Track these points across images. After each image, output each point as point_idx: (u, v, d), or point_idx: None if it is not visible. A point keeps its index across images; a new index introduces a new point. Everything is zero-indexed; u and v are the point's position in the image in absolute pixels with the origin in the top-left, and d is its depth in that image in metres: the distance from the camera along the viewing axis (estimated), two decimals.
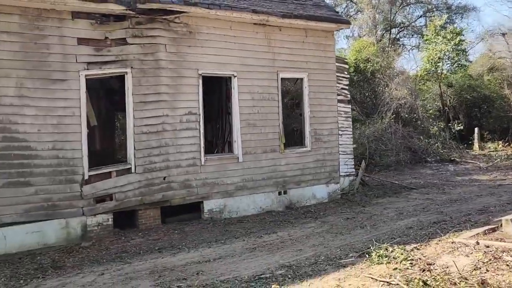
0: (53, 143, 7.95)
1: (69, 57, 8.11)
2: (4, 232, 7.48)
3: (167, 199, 9.13)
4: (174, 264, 6.05)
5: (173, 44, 9.18)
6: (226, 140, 11.89)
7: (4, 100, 7.54)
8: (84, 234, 8.19)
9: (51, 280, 5.75)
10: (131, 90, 8.72)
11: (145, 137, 8.86)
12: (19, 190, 7.63)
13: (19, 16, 7.67)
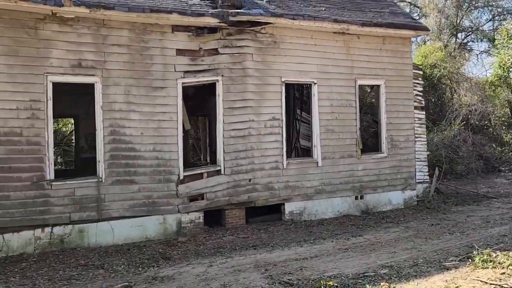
0: (153, 145, 8.69)
1: (169, 67, 8.85)
2: (113, 225, 8.28)
3: (252, 200, 9.62)
4: (274, 260, 6.46)
5: (259, 53, 9.70)
6: (294, 146, 12.26)
7: (115, 106, 8.39)
8: (178, 230, 8.85)
9: (165, 268, 6.36)
10: (222, 97, 9.33)
11: (233, 141, 9.42)
12: (125, 188, 8.43)
13: (128, 31, 8.50)
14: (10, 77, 7.59)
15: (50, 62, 7.89)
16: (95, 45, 8.24)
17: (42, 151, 7.80)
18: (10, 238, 7.54)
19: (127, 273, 6.25)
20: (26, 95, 7.70)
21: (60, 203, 7.89)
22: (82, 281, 5.90)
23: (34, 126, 7.75)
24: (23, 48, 7.69)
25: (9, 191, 7.53)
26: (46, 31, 7.86)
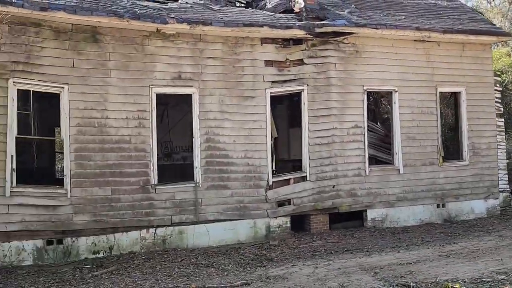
0: (244, 152, 9.12)
1: (258, 77, 9.27)
2: (208, 228, 8.74)
3: (336, 206, 9.79)
4: (378, 264, 6.60)
5: (341, 62, 9.93)
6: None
7: (210, 115, 8.90)
8: (267, 234, 9.17)
9: (273, 269, 6.67)
10: (307, 105, 9.62)
11: (317, 148, 9.67)
12: (219, 192, 8.88)
13: (222, 44, 9.03)
14: (122, 90, 8.30)
15: (155, 75, 8.54)
16: (192, 58, 8.82)
17: (147, 157, 8.42)
18: (120, 237, 8.18)
19: (238, 272, 6.61)
20: (135, 105, 8.36)
21: (162, 206, 8.45)
22: (200, 278, 6.32)
23: (140, 134, 8.40)
24: (132, 62, 8.38)
25: (119, 194, 8.19)
26: (151, 47, 8.52)
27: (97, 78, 8.16)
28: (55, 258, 7.75)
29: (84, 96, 8.06)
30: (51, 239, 7.79)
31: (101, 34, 8.19)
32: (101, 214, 8.05)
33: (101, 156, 8.13)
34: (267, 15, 9.63)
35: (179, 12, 8.78)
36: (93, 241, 8.01)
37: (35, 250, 7.65)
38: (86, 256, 7.92)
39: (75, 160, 7.96)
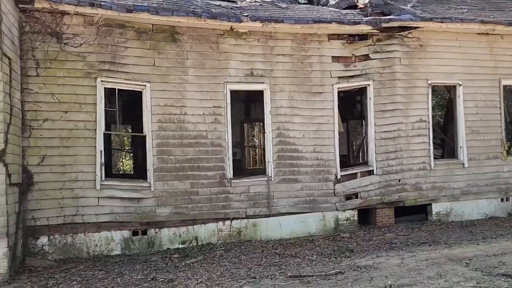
0: (313, 146, 9.30)
1: (325, 73, 9.43)
2: (280, 220, 8.98)
3: (401, 200, 9.87)
4: (464, 256, 6.68)
5: (406, 57, 9.97)
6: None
7: (280, 110, 9.12)
8: (336, 226, 9.35)
9: (358, 259, 6.85)
10: (372, 100, 9.72)
11: (383, 142, 9.76)
12: (290, 186, 9.11)
13: (291, 41, 9.22)
14: (198, 87, 8.60)
15: (229, 72, 8.81)
16: (263, 55, 9.05)
17: (223, 152, 8.71)
18: (198, 229, 8.51)
19: (324, 262, 6.82)
20: (210, 102, 8.67)
21: (237, 199, 8.74)
22: (290, 267, 6.55)
23: (216, 129, 8.69)
24: (208, 60, 8.68)
25: (198, 187, 8.51)
26: (225, 45, 8.80)
27: (176, 76, 8.49)
28: (140, 248, 8.14)
29: (164, 93, 8.41)
30: (137, 230, 8.19)
31: (179, 33, 8.52)
32: (181, 206, 8.40)
33: (180, 151, 8.47)
34: (333, 11, 9.76)
35: (250, 11, 9.02)
36: (174, 232, 8.37)
37: (122, 241, 8.06)
38: (168, 246, 8.28)
39: (157, 155, 8.33)
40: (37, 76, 7.65)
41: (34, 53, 7.64)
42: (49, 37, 7.74)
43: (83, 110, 7.90)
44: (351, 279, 5.72)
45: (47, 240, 7.63)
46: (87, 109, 7.93)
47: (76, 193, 7.79)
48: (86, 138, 7.90)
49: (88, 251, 7.81)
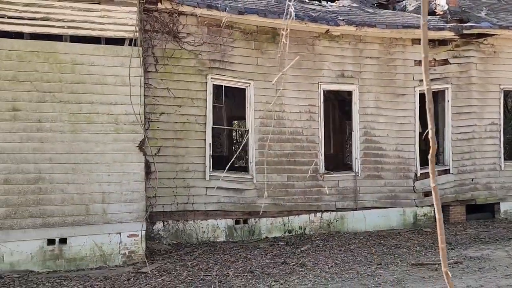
0: (395, 145, 9.82)
1: (408, 76, 9.94)
2: (365, 214, 9.51)
3: (474, 198, 10.41)
4: None
5: (481, 62, 10.48)
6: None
7: (367, 110, 9.64)
8: (414, 221, 9.89)
9: (462, 251, 7.39)
10: (450, 103, 10.24)
11: (459, 143, 10.29)
12: (374, 182, 9.63)
13: (378, 45, 9.72)
14: (295, 86, 9.11)
15: (322, 73, 9.31)
16: (353, 57, 9.55)
17: (316, 148, 9.23)
18: (293, 220, 9.03)
19: (430, 253, 7.35)
20: (306, 100, 9.17)
21: (328, 193, 9.26)
22: (404, 256, 7.08)
23: (311, 127, 9.21)
24: (304, 61, 9.17)
25: (293, 180, 9.04)
26: (319, 47, 9.30)
27: (276, 75, 8.99)
28: (242, 236, 8.67)
29: (266, 91, 8.90)
30: (239, 219, 8.71)
31: (279, 35, 9.00)
32: (278, 198, 8.92)
33: (278, 146, 8.98)
34: (416, 17, 10.25)
35: (343, 15, 9.50)
36: (271, 222, 8.90)
37: (226, 228, 8.59)
38: (266, 235, 8.81)
39: (258, 149, 8.84)
40: (156, 72, 8.15)
41: (154, 50, 8.13)
42: (166, 36, 8.23)
43: (194, 105, 8.40)
44: (473, 268, 6.26)
45: (162, 226, 8.15)
46: (198, 104, 8.44)
47: (187, 182, 8.31)
48: (196, 132, 8.41)
49: (197, 237, 8.34)
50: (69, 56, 6.71)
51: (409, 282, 5.66)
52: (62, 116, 6.64)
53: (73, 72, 6.73)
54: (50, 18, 6.67)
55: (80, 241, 6.66)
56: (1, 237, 6.26)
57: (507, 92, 10.96)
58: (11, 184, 6.36)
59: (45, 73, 6.58)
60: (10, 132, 6.40)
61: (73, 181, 6.65)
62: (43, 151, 6.52)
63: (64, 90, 6.68)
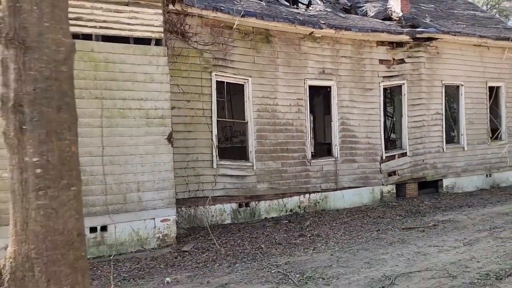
0: (366, 133, 11.39)
1: (374, 73, 11.53)
2: (343, 193, 10.97)
3: (424, 176, 12.41)
4: (500, 212, 9.28)
5: (428, 62, 12.45)
6: (389, 138, 14.74)
7: (343, 103, 11.04)
8: (381, 198, 11.59)
9: (433, 217, 9.08)
10: (406, 96, 12.06)
11: (413, 130, 12.18)
12: (350, 165, 11.11)
13: (351, 46, 11.15)
14: (286, 82, 10.18)
15: (307, 70, 10.50)
16: (331, 57, 10.87)
17: (304, 137, 10.42)
18: (286, 201, 10.17)
19: (410, 220, 8.95)
20: (295, 95, 10.30)
21: (315, 176, 10.53)
22: (392, 224, 8.58)
23: (299, 118, 10.37)
24: (292, 60, 10.28)
25: (286, 166, 10.15)
26: (304, 47, 10.46)
27: (269, 72, 9.99)
28: (245, 217, 9.60)
29: (261, 86, 9.87)
30: (241, 203, 9.62)
31: (272, 36, 10.00)
32: (274, 182, 9.98)
33: (273, 135, 10.02)
34: (379, 22, 11.86)
35: (322, 19, 10.75)
36: (269, 204, 9.94)
37: (231, 212, 9.46)
38: (265, 216, 9.84)
39: (256, 139, 9.80)
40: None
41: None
42: (175, 35, 8.80)
43: (201, 100, 9.10)
44: (449, 228, 7.94)
45: (175, 212, 8.78)
46: (204, 99, 9.14)
47: (197, 171, 9.02)
48: (203, 124, 9.13)
49: (207, 221, 9.10)
50: (102, 54, 7.09)
51: (411, 240, 7.11)
52: (98, 111, 7.02)
53: (106, 70, 7.12)
54: (83, 18, 6.97)
55: (119, 228, 7.14)
56: None
57: (447, 86, 13.09)
58: None
59: (81, 70, 6.89)
60: None
61: (111, 172, 7.09)
62: (83, 145, 6.85)
63: (99, 86, 7.05)
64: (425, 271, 5.36)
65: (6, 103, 2.03)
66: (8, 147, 2.11)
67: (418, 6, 14.07)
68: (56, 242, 2.07)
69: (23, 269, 1.99)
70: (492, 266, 5.35)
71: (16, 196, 2.07)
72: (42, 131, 2.06)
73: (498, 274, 5.01)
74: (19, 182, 2.07)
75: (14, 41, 2.01)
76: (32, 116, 2.05)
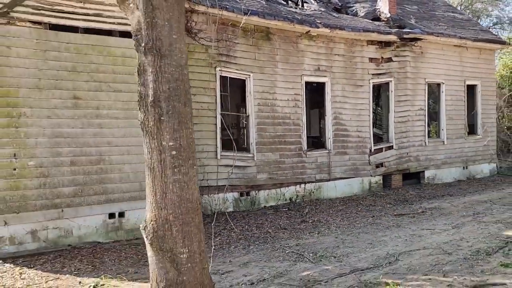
0: (356, 127, 12.10)
1: (364, 70, 12.23)
2: (336, 184, 11.66)
3: (408, 168, 13.26)
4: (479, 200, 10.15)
5: (413, 61, 13.25)
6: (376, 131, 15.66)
7: (336, 99, 11.69)
8: (369, 188, 12.35)
9: (420, 205, 9.87)
10: (393, 93, 12.83)
11: (399, 125, 12.98)
12: (341, 157, 11.80)
13: (344, 44, 11.78)
14: (284, 77, 10.73)
15: (304, 67, 11.08)
16: (326, 54, 11.49)
17: (300, 130, 11.02)
18: (284, 191, 10.76)
19: (400, 207, 9.70)
20: (292, 90, 10.87)
21: (310, 167, 11.16)
22: (385, 211, 9.30)
23: (296, 112, 10.95)
24: (290, 57, 10.83)
25: (284, 158, 10.73)
26: (301, 45, 11.02)
27: (269, 68, 10.51)
28: (246, 206, 10.14)
29: (262, 82, 10.38)
30: (243, 192, 10.15)
31: (271, 34, 10.51)
32: (273, 173, 10.55)
33: (272, 128, 10.57)
34: (369, 22, 12.54)
35: (318, 18, 11.34)
36: (268, 193, 10.51)
37: (234, 200, 9.98)
38: (264, 204, 10.40)
39: (257, 132, 10.32)
40: None
41: None
42: None
43: (206, 94, 9.54)
44: (436, 214, 8.71)
45: None
46: (209, 93, 9.59)
47: (202, 162, 9.47)
48: (208, 117, 9.58)
49: (211, 209, 9.60)
50: (119, 49, 7.43)
51: (405, 224, 7.84)
52: (116, 104, 7.38)
53: (124, 64, 7.47)
54: (102, 15, 7.29)
55: (135, 214, 7.55)
56: (70, 213, 6.91)
57: (430, 84, 13.95)
58: (76, 166, 6.99)
59: (100, 64, 7.23)
60: (73, 118, 6.99)
61: (128, 161, 7.48)
62: (102, 136, 7.24)
63: (117, 80, 7.41)
64: (423, 249, 6.06)
65: (145, 99, 2.48)
66: (146, 133, 2.58)
67: (403, 7, 14.83)
68: (188, 208, 2.57)
69: (163, 229, 2.49)
70: (481, 245, 6.10)
71: (156, 172, 2.56)
72: (175, 121, 2.54)
73: (487, 251, 5.74)
74: (158, 161, 2.55)
75: (152, 50, 2.46)
76: (168, 109, 2.53)
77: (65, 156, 6.91)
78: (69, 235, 6.93)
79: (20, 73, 6.58)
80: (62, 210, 6.83)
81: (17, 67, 6.55)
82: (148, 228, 2.64)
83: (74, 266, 5.93)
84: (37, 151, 6.68)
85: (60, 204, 6.82)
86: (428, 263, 5.40)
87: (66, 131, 6.94)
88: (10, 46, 6.50)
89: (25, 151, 6.57)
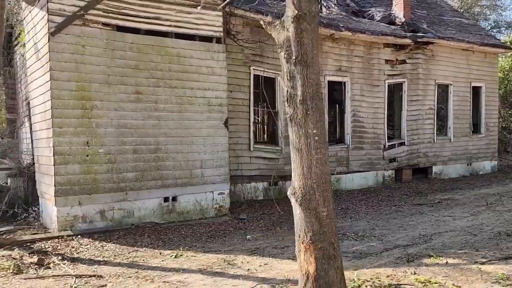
0: (372, 124, 12.97)
1: (381, 71, 13.10)
2: (353, 176, 12.54)
3: (418, 163, 14.18)
4: (488, 193, 11.08)
5: (424, 63, 14.15)
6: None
7: (355, 97, 12.55)
8: (382, 181, 13.25)
9: (434, 196, 10.77)
10: (406, 93, 13.72)
11: (410, 123, 13.89)
12: (358, 152, 12.68)
13: (363, 47, 12.64)
14: None
15: (327, 67, 11.90)
16: (347, 56, 12.32)
17: None
18: None
19: (417, 198, 10.60)
20: None
21: (330, 160, 12.00)
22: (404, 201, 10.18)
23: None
24: None
25: None
26: (325, 47, 11.84)
27: None
28: (274, 195, 10.96)
29: None
30: (271, 182, 10.97)
31: None
32: None
33: None
34: (385, 26, 13.39)
35: (340, 22, 12.15)
36: None
37: (263, 189, 10.80)
38: None
39: (284, 126, 11.13)
40: None
41: None
42: None
43: (241, 90, 10.33)
44: (452, 204, 9.62)
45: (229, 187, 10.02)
46: (244, 90, 10.38)
47: (237, 153, 10.27)
48: (243, 112, 10.38)
49: (244, 197, 10.41)
50: (175, 50, 8.18)
51: (426, 212, 8.73)
52: (171, 98, 8.14)
53: (179, 63, 8.23)
54: (160, 18, 8.03)
55: (186, 199, 8.34)
56: (133, 196, 7.68)
57: (439, 85, 14.88)
58: (138, 154, 7.75)
59: (158, 63, 7.98)
60: (135, 111, 7.75)
61: (181, 151, 8.25)
62: (159, 127, 8.00)
63: (173, 77, 8.16)
64: (450, 231, 6.94)
65: (294, 98, 3.27)
66: (295, 124, 3.41)
67: (414, 12, 15.70)
68: (326, 179, 3.40)
69: (309, 194, 3.31)
70: (500, 229, 7.00)
71: (303, 152, 3.38)
72: (317, 115, 3.35)
73: (507, 233, 6.64)
74: (305, 144, 3.37)
75: (301, 62, 3.25)
76: (312, 106, 3.33)
77: (128, 145, 7.67)
78: (131, 216, 7.71)
79: (93, 70, 7.32)
80: (126, 193, 7.60)
81: (91, 64, 7.28)
82: (297, 193, 3.48)
83: (145, 241, 6.71)
84: (106, 139, 7.44)
85: (125, 188, 7.59)
86: (458, 241, 6.28)
87: (129, 122, 7.69)
88: (85, 45, 7.23)
89: (96, 139, 7.33)
